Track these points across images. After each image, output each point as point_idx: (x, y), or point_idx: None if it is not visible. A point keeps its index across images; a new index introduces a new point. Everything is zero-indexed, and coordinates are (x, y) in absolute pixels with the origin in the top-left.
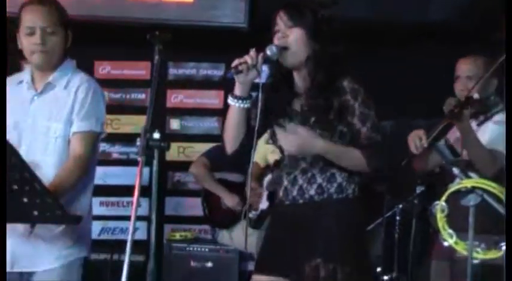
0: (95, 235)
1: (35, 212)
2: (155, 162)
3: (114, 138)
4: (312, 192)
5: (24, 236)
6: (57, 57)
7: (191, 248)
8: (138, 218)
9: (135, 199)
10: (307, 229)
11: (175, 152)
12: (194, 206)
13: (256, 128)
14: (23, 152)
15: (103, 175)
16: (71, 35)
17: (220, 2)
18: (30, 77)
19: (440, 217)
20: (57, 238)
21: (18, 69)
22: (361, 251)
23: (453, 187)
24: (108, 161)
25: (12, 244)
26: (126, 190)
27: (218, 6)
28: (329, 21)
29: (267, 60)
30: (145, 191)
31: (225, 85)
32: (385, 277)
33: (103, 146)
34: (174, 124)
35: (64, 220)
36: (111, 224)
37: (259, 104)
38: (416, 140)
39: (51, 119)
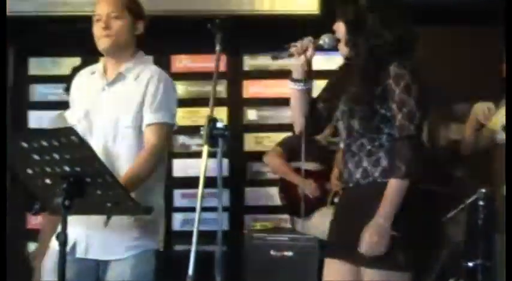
0: (177, 226)
1: (108, 204)
2: (219, 150)
3: (193, 130)
4: (358, 175)
5: (99, 226)
6: (124, 43)
7: (271, 238)
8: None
9: (200, 188)
10: (354, 212)
11: (252, 142)
12: (273, 196)
13: None
14: (94, 141)
15: (184, 167)
16: (143, 25)
17: None
18: (103, 67)
19: None
20: (127, 229)
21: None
22: (410, 235)
23: None
24: (187, 153)
25: (86, 231)
26: (206, 181)
27: None
28: (369, 13)
29: (319, 47)
30: (226, 182)
31: None
32: (470, 264)
33: (182, 139)
34: (251, 115)
35: (136, 211)
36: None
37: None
38: (486, 110)
39: (120, 109)
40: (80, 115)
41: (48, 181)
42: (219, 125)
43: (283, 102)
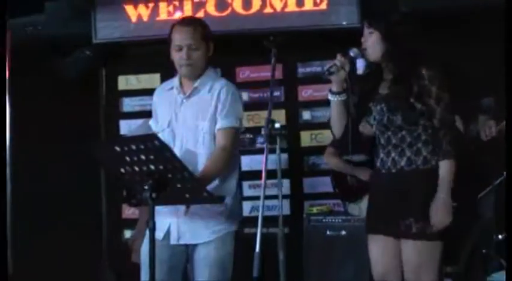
0: (246, 212)
1: (187, 195)
2: (278, 147)
3: (256, 131)
4: (403, 163)
5: (184, 215)
6: (201, 68)
7: (327, 220)
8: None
9: (263, 180)
10: (399, 194)
11: (308, 139)
12: (328, 184)
13: None
14: (177, 145)
15: (250, 162)
16: (212, 46)
17: (336, 8)
18: (179, 83)
19: None
20: (212, 216)
21: (172, 75)
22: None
23: None
24: (253, 150)
25: (177, 221)
26: (269, 174)
27: (336, 11)
28: (400, 24)
29: (352, 59)
30: (286, 174)
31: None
32: (499, 237)
33: (248, 138)
34: (306, 115)
35: (210, 200)
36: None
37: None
38: (487, 129)
39: (198, 118)
40: (163, 125)
41: (137, 177)
42: (277, 125)
43: None
